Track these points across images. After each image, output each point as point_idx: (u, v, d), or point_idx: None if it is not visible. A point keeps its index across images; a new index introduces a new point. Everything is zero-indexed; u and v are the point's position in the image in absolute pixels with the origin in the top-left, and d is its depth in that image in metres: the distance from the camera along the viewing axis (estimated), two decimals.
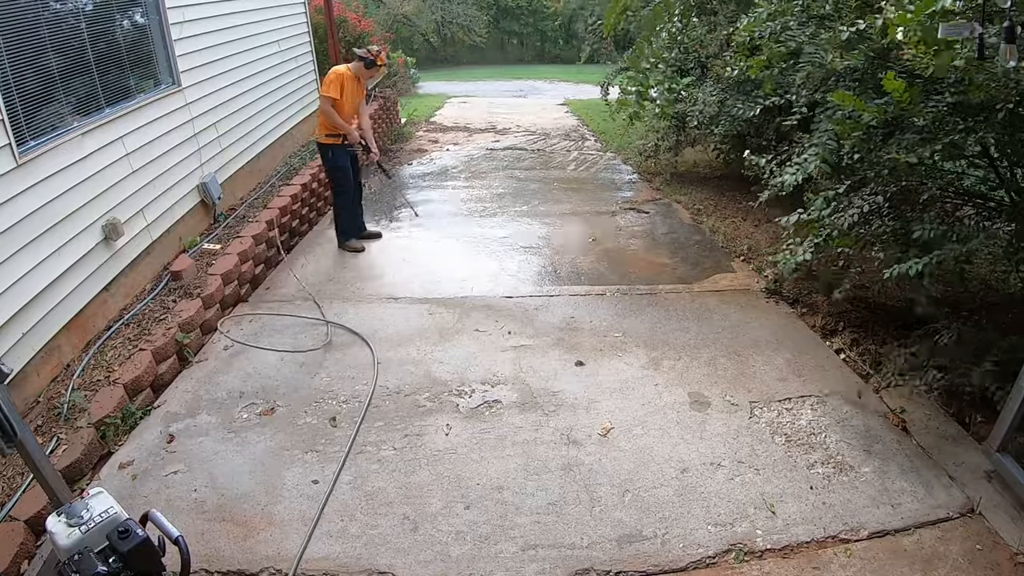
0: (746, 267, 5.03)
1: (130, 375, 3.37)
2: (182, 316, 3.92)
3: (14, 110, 3.27)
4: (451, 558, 2.49)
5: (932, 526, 2.60)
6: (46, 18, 3.64)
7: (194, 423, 3.27)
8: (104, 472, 2.93)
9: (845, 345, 3.87)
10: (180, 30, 4.99)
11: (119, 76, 4.35)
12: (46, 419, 3.14)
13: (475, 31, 22.41)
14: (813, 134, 3.70)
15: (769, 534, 2.57)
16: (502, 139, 9.99)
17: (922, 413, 3.26)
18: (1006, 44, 2.43)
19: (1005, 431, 2.77)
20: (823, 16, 3.86)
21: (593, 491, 2.80)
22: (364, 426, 3.22)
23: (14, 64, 3.32)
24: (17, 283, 3.22)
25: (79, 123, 3.83)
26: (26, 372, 3.23)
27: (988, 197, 3.76)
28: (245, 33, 6.18)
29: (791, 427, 3.19)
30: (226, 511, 2.71)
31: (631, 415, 3.29)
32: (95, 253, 3.85)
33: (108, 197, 3.99)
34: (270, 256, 5.28)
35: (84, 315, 3.72)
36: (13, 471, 2.82)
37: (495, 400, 3.42)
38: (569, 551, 2.51)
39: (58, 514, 1.96)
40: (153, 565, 1.94)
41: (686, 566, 2.46)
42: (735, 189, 6.59)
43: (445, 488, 2.83)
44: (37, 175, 3.40)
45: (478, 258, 5.35)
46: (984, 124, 2.96)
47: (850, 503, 2.71)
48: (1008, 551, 2.48)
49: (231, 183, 5.71)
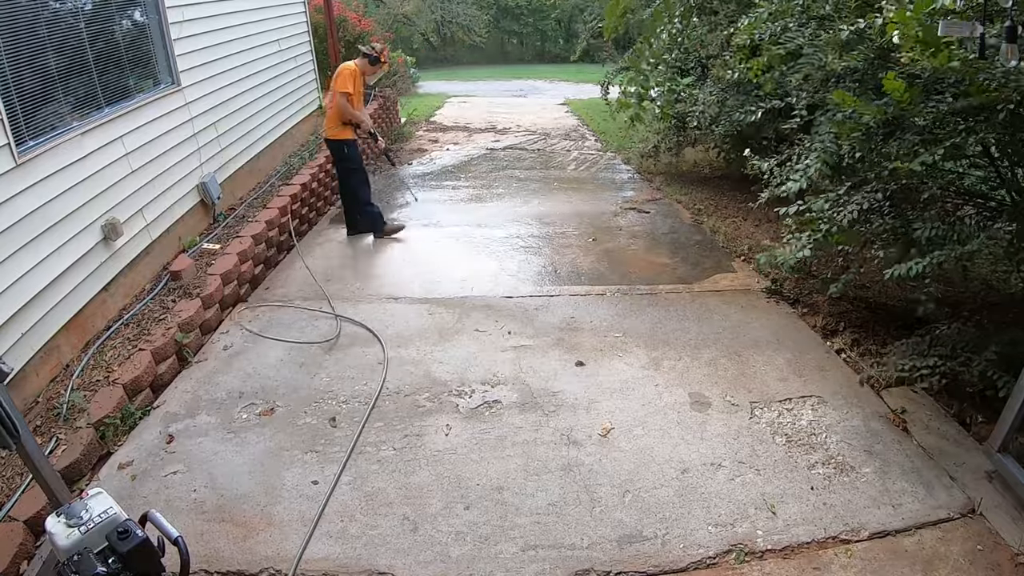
0: (747, 267, 5.03)
1: (129, 375, 3.37)
2: (181, 316, 3.91)
3: (13, 110, 3.27)
4: (451, 558, 2.49)
5: (933, 527, 2.60)
6: (45, 18, 3.64)
7: (193, 423, 3.27)
8: (103, 472, 2.93)
9: (846, 345, 3.87)
10: (179, 29, 4.99)
11: (118, 76, 4.35)
12: (45, 419, 3.14)
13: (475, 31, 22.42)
14: (814, 136, 3.70)
15: (770, 534, 2.57)
16: (502, 139, 9.99)
17: (923, 413, 3.26)
18: (1007, 44, 2.43)
19: (1006, 431, 2.77)
20: (823, 17, 3.86)
21: (593, 491, 2.80)
22: (364, 426, 3.22)
23: (13, 64, 3.32)
24: (17, 283, 3.22)
25: (78, 123, 3.83)
26: (25, 372, 3.22)
27: (989, 197, 3.76)
28: (245, 33, 6.18)
29: (792, 427, 3.19)
30: (225, 511, 2.71)
31: (631, 415, 3.29)
32: (94, 253, 3.85)
33: (107, 197, 3.99)
34: (269, 256, 5.28)
35: (83, 315, 3.72)
36: (12, 471, 2.82)
37: (495, 400, 3.42)
38: (569, 551, 2.51)
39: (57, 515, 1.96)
40: (152, 566, 1.94)
41: (686, 566, 2.46)
42: (736, 189, 6.59)
43: (445, 488, 2.83)
44: (36, 175, 3.40)
45: (478, 258, 5.35)
46: (985, 124, 2.96)
47: (851, 503, 2.71)
48: (1009, 551, 2.48)
49: (231, 183, 5.71)
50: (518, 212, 6.46)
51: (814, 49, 3.65)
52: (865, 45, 3.36)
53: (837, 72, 3.55)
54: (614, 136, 9.39)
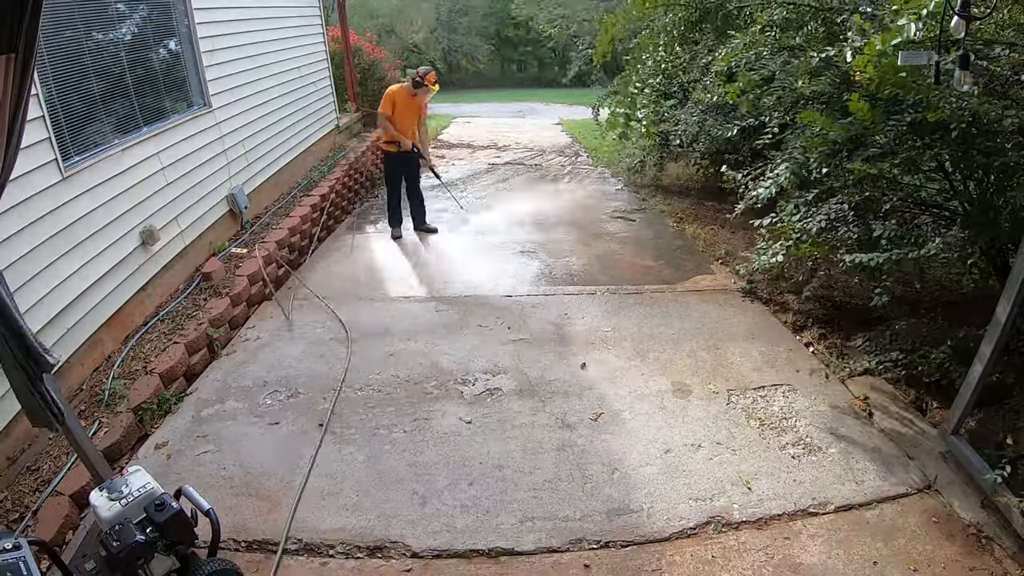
0: (724, 269, 5.05)
1: (165, 365, 3.39)
2: (212, 313, 3.93)
3: (60, 130, 3.29)
4: (456, 529, 2.50)
5: (892, 501, 2.62)
6: (89, 48, 3.66)
7: (223, 408, 3.29)
8: (141, 452, 2.95)
9: (814, 339, 3.89)
10: (211, 57, 5.02)
11: (155, 98, 4.38)
12: (88, 404, 3.15)
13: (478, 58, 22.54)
14: (784, 151, 3.73)
15: (745, 508, 2.59)
16: (503, 155, 10.01)
17: (883, 400, 3.27)
18: (960, 71, 2.46)
19: (959, 416, 2.79)
20: (793, 47, 3.90)
21: (585, 469, 2.81)
22: (377, 410, 3.24)
23: (60, 88, 3.35)
24: (63, 283, 3.23)
25: (119, 140, 3.86)
26: (71, 363, 3.24)
27: (943, 207, 3.79)
28: (269, 60, 6.22)
29: (765, 412, 3.20)
30: (252, 487, 2.72)
31: (620, 402, 3.30)
32: (133, 256, 3.87)
33: (145, 206, 4.02)
34: (292, 259, 5.30)
35: (123, 312, 3.73)
36: (59, 451, 2.84)
37: (496, 388, 3.43)
38: (563, 523, 2.53)
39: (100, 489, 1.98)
40: (187, 534, 1.96)
41: (669, 536, 2.47)
42: (714, 199, 6.62)
43: (451, 467, 2.84)
44: (81, 187, 3.42)
45: (480, 261, 5.36)
46: (940, 141, 2.99)
47: (818, 480, 2.73)
48: (961, 523, 2.49)
49: (256, 194, 5.74)
50: (516, 220, 6.47)
51: (785, 75, 3.69)
52: (832, 71, 3.40)
53: (806, 95, 3.59)
54: (604, 153, 9.41)
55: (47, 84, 3.22)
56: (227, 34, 5.37)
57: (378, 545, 2.44)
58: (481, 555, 2.40)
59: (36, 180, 3.09)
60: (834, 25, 3.91)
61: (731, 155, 5.59)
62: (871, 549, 2.38)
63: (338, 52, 9.12)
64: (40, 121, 3.13)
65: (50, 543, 2.04)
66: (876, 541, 2.42)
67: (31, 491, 2.63)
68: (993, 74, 3.03)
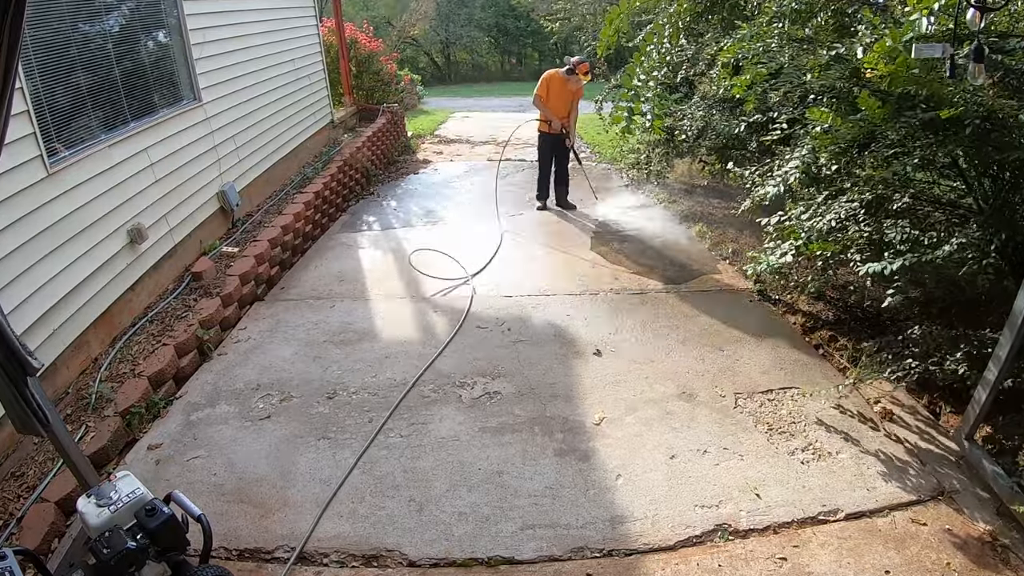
0: (731, 269, 5.05)
1: (154, 368, 3.39)
2: (202, 314, 3.93)
3: (45, 125, 3.29)
4: (454, 537, 2.50)
5: (905, 508, 2.62)
6: (75, 40, 3.66)
7: (214, 412, 3.29)
8: (130, 457, 2.95)
9: (823, 341, 3.89)
10: (200, 50, 5.02)
11: (144, 92, 4.37)
12: (75, 408, 3.15)
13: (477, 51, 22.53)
14: (793, 148, 3.72)
15: (753, 515, 2.59)
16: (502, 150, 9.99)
17: (895, 404, 3.28)
18: (975, 63, 2.46)
19: (973, 421, 2.79)
20: (802, 39, 3.89)
21: (587, 475, 2.81)
22: (372, 415, 3.24)
23: (45, 82, 3.34)
24: (49, 283, 3.23)
25: (106, 136, 3.85)
26: (56, 365, 3.24)
27: (957, 205, 3.79)
28: (261, 53, 6.21)
29: (773, 416, 3.20)
30: (243, 493, 2.73)
31: (623, 405, 3.30)
32: (121, 256, 3.87)
33: (133, 204, 4.02)
34: (284, 258, 5.30)
35: (111, 313, 3.73)
36: (44, 456, 2.84)
37: (495, 391, 3.44)
38: (565, 531, 2.53)
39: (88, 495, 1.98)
40: (178, 540, 1.96)
41: (674, 544, 2.47)
42: (720, 197, 6.63)
43: (449, 472, 2.84)
44: (67, 184, 3.42)
45: (479, 259, 5.36)
46: (954, 138, 2.99)
47: (828, 487, 2.73)
48: (976, 530, 2.49)
49: (248, 191, 5.74)
50: (517, 217, 6.48)
51: (794, 68, 3.69)
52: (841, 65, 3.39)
53: (815, 90, 3.59)
54: (607, 148, 9.42)
55: (32, 78, 3.22)
56: (218, 26, 5.37)
57: (374, 554, 2.44)
58: (480, 564, 2.40)
59: (20, 177, 3.09)
60: (844, 16, 3.90)
61: (738, 151, 5.59)
62: (883, 557, 2.38)
63: (333, 45, 9.13)
64: (25, 116, 3.13)
65: (35, 551, 2.04)
66: (888, 549, 2.42)
67: (15, 498, 2.64)
68: (1008, 68, 3.03)
